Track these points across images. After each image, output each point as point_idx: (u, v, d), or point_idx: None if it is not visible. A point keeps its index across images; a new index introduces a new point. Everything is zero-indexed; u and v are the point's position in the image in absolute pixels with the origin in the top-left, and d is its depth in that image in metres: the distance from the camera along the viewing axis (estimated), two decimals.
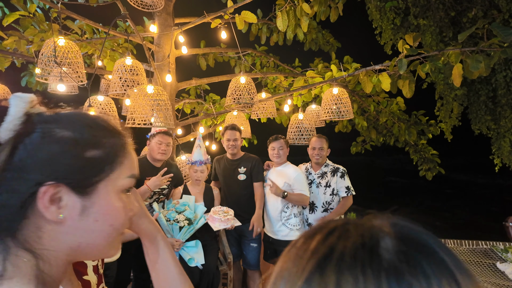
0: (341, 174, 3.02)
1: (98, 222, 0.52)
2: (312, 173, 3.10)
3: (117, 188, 0.55)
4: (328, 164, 3.11)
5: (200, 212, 2.71)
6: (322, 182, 3.03)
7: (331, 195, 3.00)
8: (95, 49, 3.77)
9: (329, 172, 3.05)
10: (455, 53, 2.48)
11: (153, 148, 2.72)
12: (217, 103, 4.53)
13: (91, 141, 0.52)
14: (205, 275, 2.55)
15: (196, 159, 2.82)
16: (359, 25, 20.86)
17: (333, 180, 3.01)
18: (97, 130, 0.54)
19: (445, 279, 0.28)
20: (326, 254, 0.30)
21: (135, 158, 0.60)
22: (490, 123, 6.10)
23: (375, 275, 0.28)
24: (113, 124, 0.58)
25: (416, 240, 0.31)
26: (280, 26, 3.00)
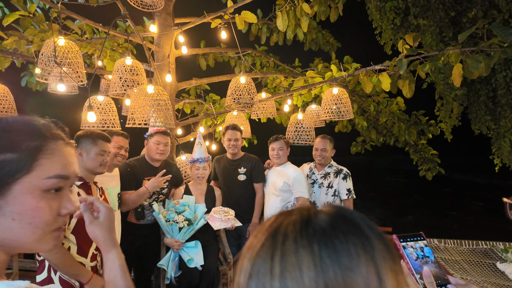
0: (343, 176, 3.00)
1: (15, 220, 0.55)
2: (316, 173, 3.10)
3: (37, 188, 0.57)
4: (332, 165, 3.10)
5: (200, 213, 2.70)
6: (324, 182, 3.03)
7: (333, 196, 2.99)
8: (95, 49, 3.77)
9: (332, 173, 3.04)
10: (455, 53, 2.48)
11: (151, 148, 2.71)
12: (217, 103, 4.53)
13: (5, 145, 0.55)
14: (206, 275, 2.54)
15: (197, 156, 2.82)
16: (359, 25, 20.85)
17: (335, 181, 3.00)
18: (13, 134, 0.57)
19: (360, 243, 0.39)
20: (275, 227, 0.42)
21: (63, 159, 0.61)
22: (490, 123, 6.09)
23: (309, 239, 0.38)
24: (35, 127, 0.59)
25: (346, 217, 0.42)
26: (280, 26, 2.99)
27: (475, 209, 14.52)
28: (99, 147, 1.97)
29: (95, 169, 1.95)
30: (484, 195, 16.74)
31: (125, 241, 2.58)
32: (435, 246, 5.79)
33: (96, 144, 1.96)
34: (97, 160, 1.95)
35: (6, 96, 3.03)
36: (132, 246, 2.68)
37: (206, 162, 2.85)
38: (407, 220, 13.25)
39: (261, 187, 3.10)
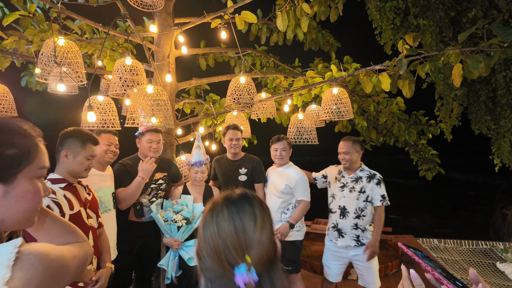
0: (377, 181, 2.81)
1: (18, 202, 0.73)
2: (346, 176, 2.93)
3: (34, 176, 0.76)
4: (363, 168, 2.91)
5: (198, 212, 2.70)
6: (356, 187, 2.84)
7: (365, 201, 2.81)
8: (95, 49, 3.77)
9: (364, 177, 2.85)
10: (455, 53, 2.48)
11: (145, 147, 2.71)
12: (217, 103, 4.53)
13: (7, 142, 0.71)
14: None
15: (196, 160, 2.81)
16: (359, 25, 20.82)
17: (368, 186, 2.81)
18: (10, 133, 0.72)
19: (249, 205, 0.84)
20: (215, 200, 0.87)
21: (45, 153, 0.80)
22: (490, 123, 6.10)
23: (228, 204, 0.83)
24: (24, 127, 0.76)
25: (247, 195, 0.87)
26: (280, 26, 2.99)
27: (475, 209, 14.52)
28: (87, 151, 1.87)
29: (80, 173, 1.86)
30: (484, 195, 16.74)
31: (126, 242, 2.58)
32: (435, 246, 5.80)
33: (85, 148, 1.86)
34: (84, 164, 1.86)
35: (6, 96, 3.03)
36: (134, 247, 2.67)
37: (205, 165, 2.84)
38: (407, 220, 13.25)
39: (262, 188, 3.09)
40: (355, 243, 2.83)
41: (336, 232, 2.90)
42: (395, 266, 4.31)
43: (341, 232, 2.87)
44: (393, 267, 4.28)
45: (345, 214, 2.86)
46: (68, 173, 1.83)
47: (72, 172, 1.83)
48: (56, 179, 1.80)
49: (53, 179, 1.80)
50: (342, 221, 2.86)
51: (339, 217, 2.88)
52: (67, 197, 1.75)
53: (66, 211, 1.70)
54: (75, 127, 1.91)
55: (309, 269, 4.27)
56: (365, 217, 2.82)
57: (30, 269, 0.66)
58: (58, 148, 1.82)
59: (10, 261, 0.64)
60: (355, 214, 2.82)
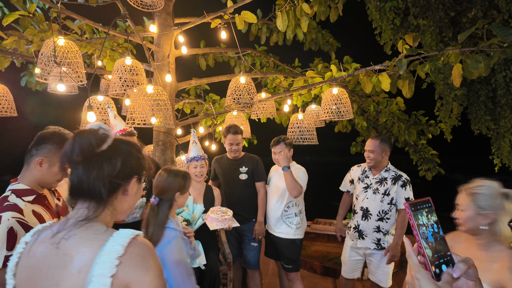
0: (402, 183, 2.69)
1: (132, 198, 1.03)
2: (370, 176, 2.84)
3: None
4: (389, 169, 2.79)
5: (198, 213, 2.70)
6: (380, 188, 2.75)
7: (389, 204, 2.70)
8: (95, 49, 3.77)
9: (389, 179, 2.74)
10: (455, 53, 2.48)
11: None
12: (217, 103, 4.53)
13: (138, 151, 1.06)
14: (207, 275, 2.54)
15: (194, 154, 2.82)
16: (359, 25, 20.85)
17: (393, 188, 2.70)
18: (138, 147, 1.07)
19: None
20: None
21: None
22: (489, 123, 6.10)
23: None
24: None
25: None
26: (280, 26, 2.99)
27: None
28: None
29: (51, 184, 1.57)
30: None
31: None
32: None
33: None
34: (58, 175, 1.55)
35: (5, 96, 3.03)
36: None
37: (203, 160, 2.85)
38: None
39: (263, 186, 3.10)
40: (374, 246, 2.77)
41: (357, 233, 2.85)
42: (395, 266, 4.32)
43: (362, 233, 2.82)
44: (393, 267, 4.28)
45: (367, 215, 2.77)
46: (37, 182, 1.53)
47: (42, 182, 1.54)
48: (22, 191, 1.47)
49: (18, 191, 1.46)
50: (364, 222, 2.79)
51: (361, 219, 2.81)
52: (37, 213, 1.45)
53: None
54: (54, 130, 1.58)
55: (309, 269, 4.27)
56: (389, 220, 2.73)
57: (139, 253, 0.85)
58: (33, 151, 1.51)
59: (125, 242, 0.84)
60: (378, 216, 2.73)
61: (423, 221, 0.72)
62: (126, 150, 0.99)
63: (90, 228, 0.89)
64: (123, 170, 0.96)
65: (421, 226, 0.71)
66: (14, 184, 1.50)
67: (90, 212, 0.92)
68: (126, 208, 1.02)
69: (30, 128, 19.62)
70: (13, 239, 1.33)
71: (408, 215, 0.72)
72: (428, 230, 0.71)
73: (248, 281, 3.16)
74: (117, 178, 0.94)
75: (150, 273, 0.86)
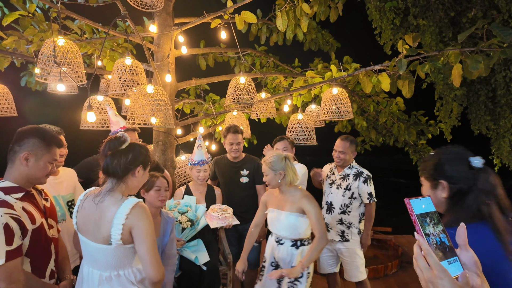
0: (364, 179, 2.87)
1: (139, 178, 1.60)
2: (336, 173, 3.02)
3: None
4: (352, 166, 2.97)
5: (200, 213, 2.71)
6: (342, 184, 2.93)
7: (350, 198, 2.89)
8: (95, 49, 3.77)
9: (351, 175, 2.92)
10: (455, 53, 2.48)
11: None
12: (217, 103, 4.53)
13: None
14: (206, 275, 2.54)
15: (198, 159, 2.81)
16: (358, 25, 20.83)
17: (354, 184, 2.88)
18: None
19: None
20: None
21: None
22: (489, 123, 6.10)
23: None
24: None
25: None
26: (280, 26, 2.99)
27: None
28: (51, 155, 1.57)
29: (39, 179, 1.57)
30: None
31: None
32: None
33: (49, 151, 1.56)
34: (46, 169, 1.56)
35: (5, 96, 3.03)
36: None
37: (207, 164, 2.85)
38: (407, 220, 13.23)
39: (264, 188, 3.10)
40: (339, 238, 2.93)
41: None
42: (395, 266, 4.32)
43: (327, 226, 2.97)
44: (393, 267, 4.28)
45: (331, 209, 2.96)
46: (25, 179, 1.52)
47: (30, 178, 1.52)
48: (10, 188, 1.46)
49: (6, 188, 1.45)
50: (328, 216, 2.97)
51: (326, 212, 2.99)
52: (26, 210, 1.46)
53: (28, 227, 1.43)
54: (34, 126, 1.61)
55: None
56: (351, 213, 2.90)
57: (138, 212, 1.44)
58: (15, 148, 1.50)
59: (131, 206, 1.44)
60: (340, 209, 2.92)
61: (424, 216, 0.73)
62: (137, 149, 1.56)
63: (113, 196, 1.48)
64: (133, 161, 1.53)
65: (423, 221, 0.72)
66: (0, 182, 1.48)
67: (113, 185, 1.51)
68: (135, 186, 1.58)
69: None
70: (10, 234, 1.34)
71: (410, 211, 0.72)
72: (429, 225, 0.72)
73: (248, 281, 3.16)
74: (129, 165, 1.52)
75: (144, 222, 1.44)
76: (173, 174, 3.56)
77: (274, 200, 2.34)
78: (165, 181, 2.28)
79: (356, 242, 2.93)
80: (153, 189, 2.21)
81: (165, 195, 2.24)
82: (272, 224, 2.34)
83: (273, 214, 2.33)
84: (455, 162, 1.25)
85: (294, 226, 2.24)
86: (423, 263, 0.69)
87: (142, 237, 1.42)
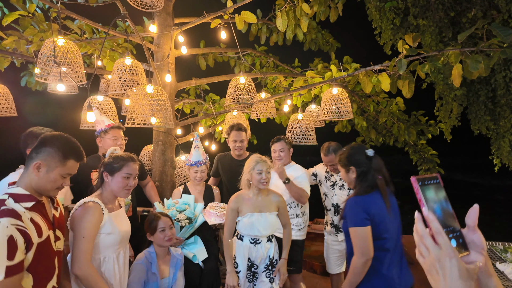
0: None
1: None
2: (334, 175, 3.01)
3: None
4: None
5: (198, 211, 2.71)
6: (345, 184, 2.93)
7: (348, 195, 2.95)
8: (95, 49, 3.77)
9: None
10: (455, 53, 2.48)
11: (109, 144, 2.65)
12: (217, 103, 4.53)
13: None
14: (206, 275, 2.54)
15: (195, 159, 2.82)
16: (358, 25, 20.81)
17: None
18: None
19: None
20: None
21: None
22: (489, 123, 6.09)
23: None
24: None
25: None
26: (280, 26, 2.99)
27: None
28: (66, 169, 1.48)
29: (48, 192, 1.47)
30: (483, 195, 16.74)
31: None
32: None
33: (65, 164, 1.47)
34: (57, 183, 1.47)
35: (5, 96, 3.03)
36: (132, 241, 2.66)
37: (204, 165, 2.85)
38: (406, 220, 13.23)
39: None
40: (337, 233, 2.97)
41: (334, 228, 3.00)
42: None
43: (338, 228, 2.96)
44: None
45: (338, 211, 2.95)
46: (34, 188, 1.43)
47: (39, 189, 1.44)
48: (21, 196, 1.38)
49: (17, 195, 1.37)
50: (337, 218, 2.95)
51: (334, 214, 2.97)
52: (34, 221, 1.36)
53: (34, 240, 1.33)
54: (60, 134, 1.52)
55: (308, 269, 4.27)
56: None
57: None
58: (32, 154, 1.43)
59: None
60: None
61: (430, 195, 0.70)
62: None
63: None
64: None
65: (429, 200, 0.69)
66: (12, 188, 1.40)
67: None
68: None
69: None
70: (13, 248, 1.24)
71: (415, 189, 0.70)
72: (435, 204, 0.70)
73: None
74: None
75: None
76: (173, 174, 3.56)
77: (248, 204, 2.37)
78: (168, 219, 2.29)
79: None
80: (157, 231, 2.20)
81: (170, 233, 2.24)
82: (252, 228, 2.37)
83: (252, 218, 2.36)
84: (358, 154, 1.96)
85: (274, 224, 2.41)
86: (430, 241, 0.67)
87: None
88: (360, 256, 1.80)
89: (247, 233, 2.41)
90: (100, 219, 1.79)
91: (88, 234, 1.71)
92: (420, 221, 0.69)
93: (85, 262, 1.67)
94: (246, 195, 2.41)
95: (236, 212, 2.41)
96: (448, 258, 0.64)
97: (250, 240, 2.41)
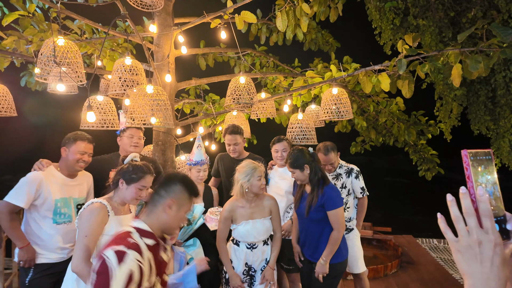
0: (355, 175, 3.05)
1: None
2: (327, 174, 3.06)
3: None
4: (342, 165, 3.11)
5: (198, 213, 2.71)
6: (337, 183, 3.05)
7: (347, 195, 3.04)
8: (95, 49, 3.77)
9: (343, 173, 3.06)
10: (455, 53, 2.48)
11: (126, 142, 2.78)
12: (217, 103, 4.53)
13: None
14: (205, 275, 2.54)
15: (198, 159, 2.82)
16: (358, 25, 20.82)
17: (348, 181, 3.05)
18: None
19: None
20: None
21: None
22: (489, 123, 6.10)
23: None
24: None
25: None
26: (280, 26, 2.99)
27: None
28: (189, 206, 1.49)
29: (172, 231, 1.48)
30: None
31: None
32: (434, 246, 5.80)
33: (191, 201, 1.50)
34: (184, 220, 1.49)
35: (5, 96, 3.03)
36: None
37: (206, 164, 2.86)
38: (406, 220, 13.25)
39: (265, 189, 3.10)
40: (345, 232, 3.07)
41: None
42: (395, 266, 4.32)
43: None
44: (392, 267, 4.28)
45: None
46: (161, 227, 1.39)
47: (166, 228, 1.40)
48: (145, 232, 1.34)
49: (142, 231, 1.33)
50: None
51: None
52: (150, 263, 1.31)
53: (144, 284, 1.26)
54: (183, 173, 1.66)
55: None
56: (349, 208, 3.06)
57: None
58: (161, 192, 1.41)
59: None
60: None
61: (480, 173, 0.64)
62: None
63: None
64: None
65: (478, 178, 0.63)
66: (137, 222, 1.36)
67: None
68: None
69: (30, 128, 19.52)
70: (128, 283, 1.19)
71: (465, 164, 0.64)
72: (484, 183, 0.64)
73: None
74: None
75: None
76: None
77: (243, 212, 2.42)
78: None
79: (355, 233, 3.06)
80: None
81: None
82: (247, 235, 2.40)
83: (247, 225, 2.40)
84: (305, 154, 2.44)
85: (269, 228, 2.47)
86: (475, 222, 0.62)
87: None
88: (341, 230, 2.33)
89: (243, 240, 2.45)
90: (105, 220, 1.83)
91: (91, 234, 1.77)
92: (454, 205, 0.64)
93: (83, 260, 1.72)
94: (240, 203, 2.43)
95: (229, 221, 2.45)
96: (493, 245, 0.60)
97: (247, 245, 2.46)
